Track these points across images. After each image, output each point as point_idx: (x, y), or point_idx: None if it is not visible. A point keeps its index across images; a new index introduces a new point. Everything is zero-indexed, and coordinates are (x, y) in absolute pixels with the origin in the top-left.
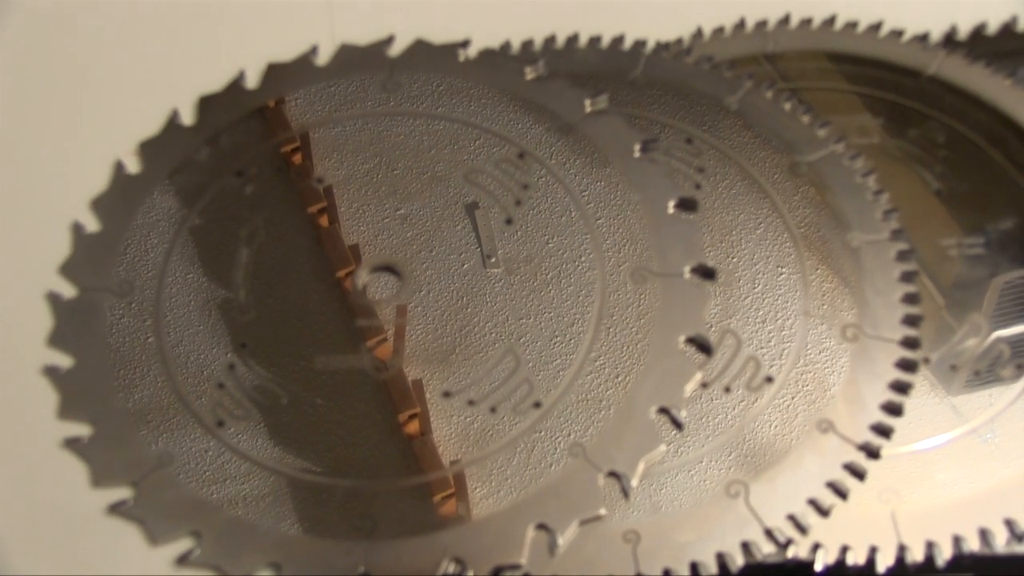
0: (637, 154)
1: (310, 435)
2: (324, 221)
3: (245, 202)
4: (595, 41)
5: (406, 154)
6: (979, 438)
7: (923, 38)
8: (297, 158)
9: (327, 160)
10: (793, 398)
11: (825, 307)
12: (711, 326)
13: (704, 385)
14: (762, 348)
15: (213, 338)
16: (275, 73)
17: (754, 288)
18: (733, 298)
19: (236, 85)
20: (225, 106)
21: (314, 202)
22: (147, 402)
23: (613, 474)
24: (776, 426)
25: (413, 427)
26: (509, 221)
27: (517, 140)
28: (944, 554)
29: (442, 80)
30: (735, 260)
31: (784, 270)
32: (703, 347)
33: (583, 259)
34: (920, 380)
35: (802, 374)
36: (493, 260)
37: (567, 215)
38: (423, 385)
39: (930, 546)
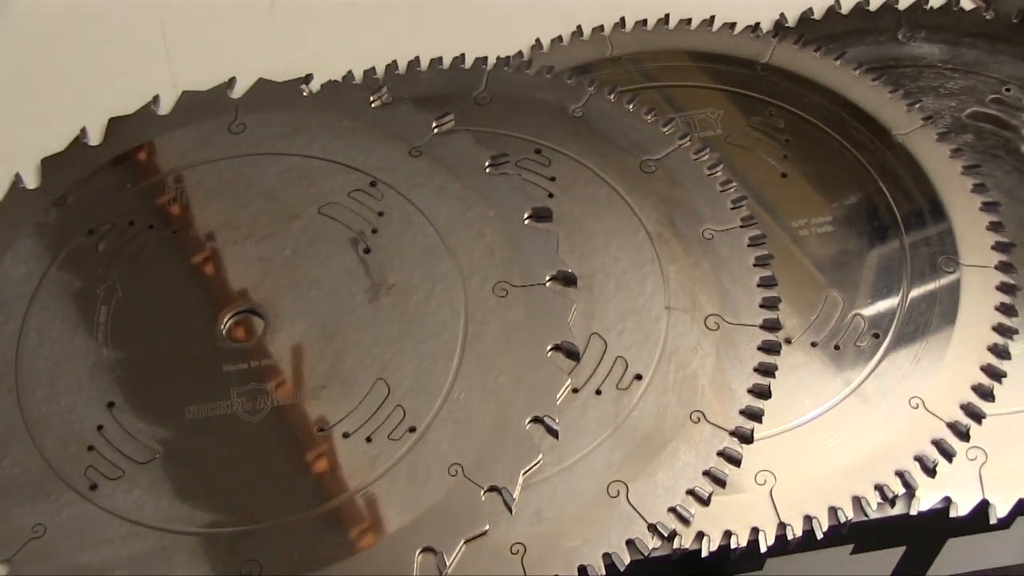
0: (488, 170)
1: (188, 487)
2: (184, 270)
3: (99, 260)
4: (436, 63)
5: (259, 195)
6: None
7: (755, 28)
8: (156, 208)
9: (181, 208)
10: (663, 393)
11: (686, 300)
12: (576, 332)
13: (575, 391)
14: (628, 347)
15: (79, 400)
16: (118, 127)
17: (615, 289)
18: (596, 301)
19: (79, 143)
20: (69, 165)
21: (172, 251)
22: (15, 475)
23: (494, 489)
24: (650, 422)
25: (292, 465)
26: (368, 251)
27: (368, 169)
28: (822, 526)
29: (288, 117)
30: (594, 264)
31: (643, 268)
32: (570, 353)
33: (444, 279)
34: (785, 360)
35: (670, 368)
36: (355, 291)
37: (424, 238)
38: (297, 423)
39: (808, 520)
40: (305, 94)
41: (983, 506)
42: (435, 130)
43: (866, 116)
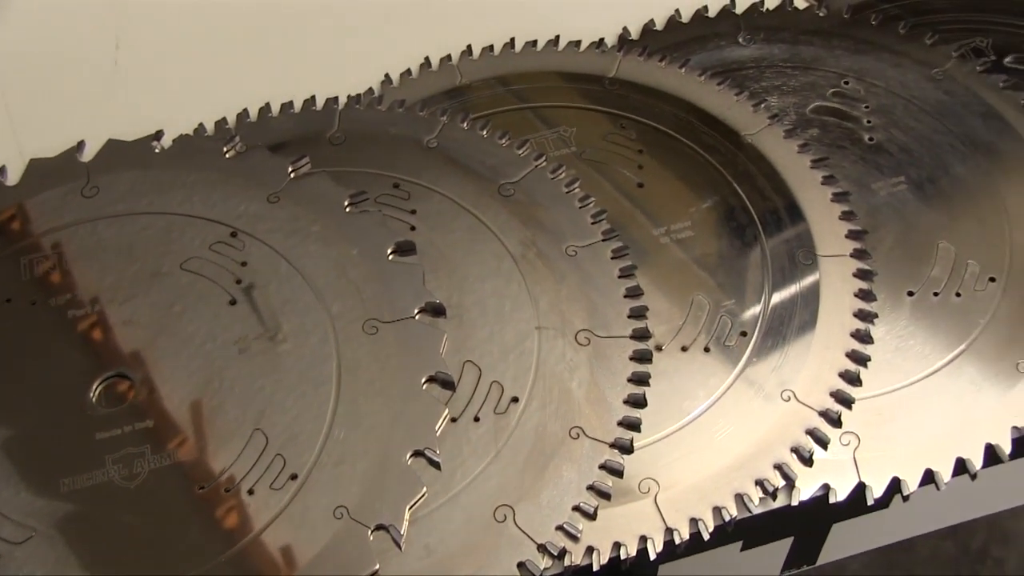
0: (348, 209)
1: (68, 562)
2: (47, 341)
3: None
4: (287, 107)
5: (119, 257)
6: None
7: (599, 44)
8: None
9: (39, 278)
10: (541, 413)
11: (555, 318)
12: (450, 361)
13: (454, 420)
14: (503, 371)
15: None
16: None
17: (485, 315)
18: (466, 329)
19: None
20: None
21: (33, 324)
22: None
23: (381, 527)
24: (530, 443)
25: (175, 527)
26: (234, 302)
27: (227, 220)
28: (708, 527)
29: (142, 175)
30: (462, 292)
31: (510, 291)
32: (445, 384)
33: (313, 322)
34: (657, 367)
35: (545, 388)
36: (224, 343)
37: (290, 283)
38: (177, 483)
39: (694, 522)
40: (157, 151)
41: (860, 489)
42: (292, 174)
43: (715, 120)
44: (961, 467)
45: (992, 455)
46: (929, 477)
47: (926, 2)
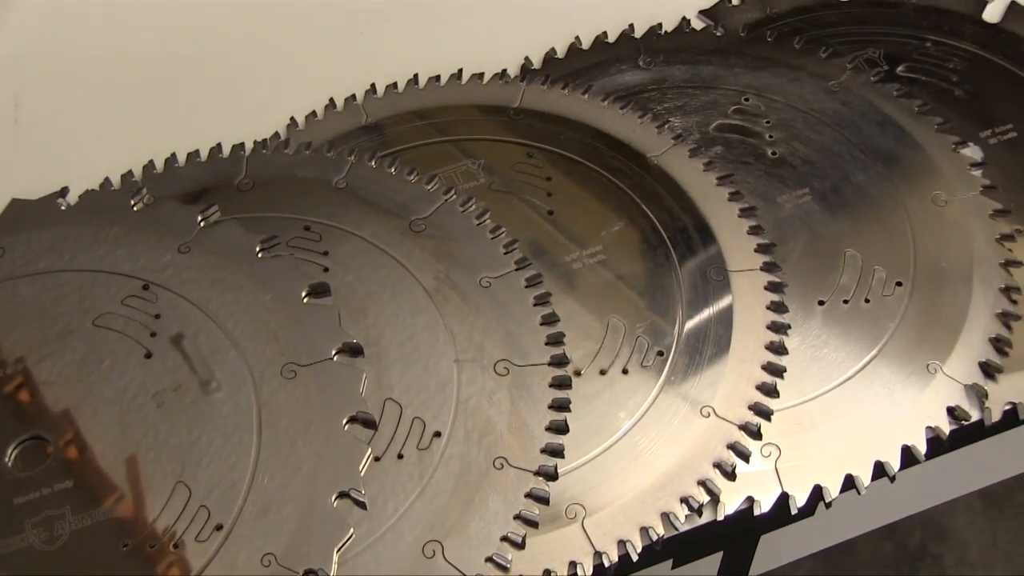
0: (260, 255)
1: None
2: None
3: None
4: (194, 156)
5: (30, 317)
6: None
7: (502, 75)
8: None
9: None
10: (464, 445)
11: (473, 350)
12: (370, 400)
13: (377, 459)
14: (424, 407)
15: None
16: None
17: (403, 352)
18: (385, 367)
19: None
20: None
21: None
22: None
23: (310, 572)
24: (455, 477)
25: None
26: (149, 355)
27: (138, 273)
28: (636, 548)
29: (49, 234)
30: (379, 330)
31: (427, 327)
32: (367, 423)
33: (231, 370)
34: (577, 392)
35: (467, 420)
36: (142, 398)
37: (205, 332)
38: (100, 543)
39: (622, 544)
40: (63, 207)
41: (784, 499)
42: (201, 224)
43: (620, 144)
44: (880, 470)
45: (909, 456)
46: (850, 483)
47: (818, 17)
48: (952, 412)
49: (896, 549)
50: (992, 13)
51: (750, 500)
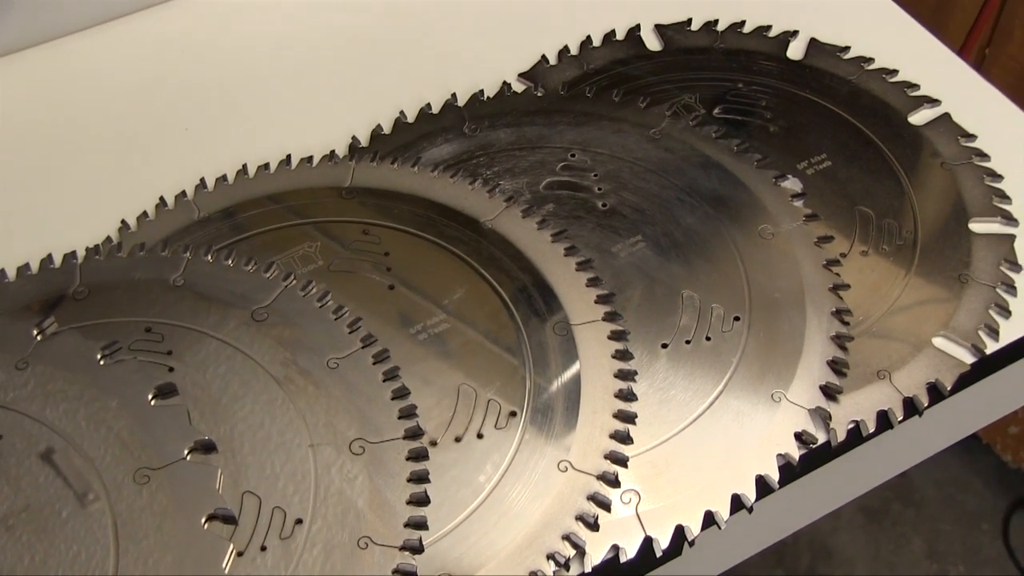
0: (102, 362)
1: None
2: None
3: None
4: (24, 269)
5: None
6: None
7: (331, 156)
8: None
9: None
10: (327, 530)
11: (327, 433)
12: (228, 496)
13: (240, 554)
14: (283, 496)
15: None
16: None
17: (256, 443)
18: (240, 460)
19: None
20: None
21: None
22: None
23: None
24: (320, 562)
25: None
26: None
27: None
28: None
29: None
30: (230, 424)
31: (278, 415)
32: (226, 519)
33: (80, 483)
34: (435, 462)
35: (327, 504)
36: None
37: (49, 448)
38: None
39: None
40: None
41: (649, 543)
42: (38, 337)
43: (453, 211)
44: (738, 503)
45: (764, 485)
46: (710, 519)
47: (634, 69)
48: (800, 437)
49: (786, 574)
50: (795, 51)
51: (615, 548)
